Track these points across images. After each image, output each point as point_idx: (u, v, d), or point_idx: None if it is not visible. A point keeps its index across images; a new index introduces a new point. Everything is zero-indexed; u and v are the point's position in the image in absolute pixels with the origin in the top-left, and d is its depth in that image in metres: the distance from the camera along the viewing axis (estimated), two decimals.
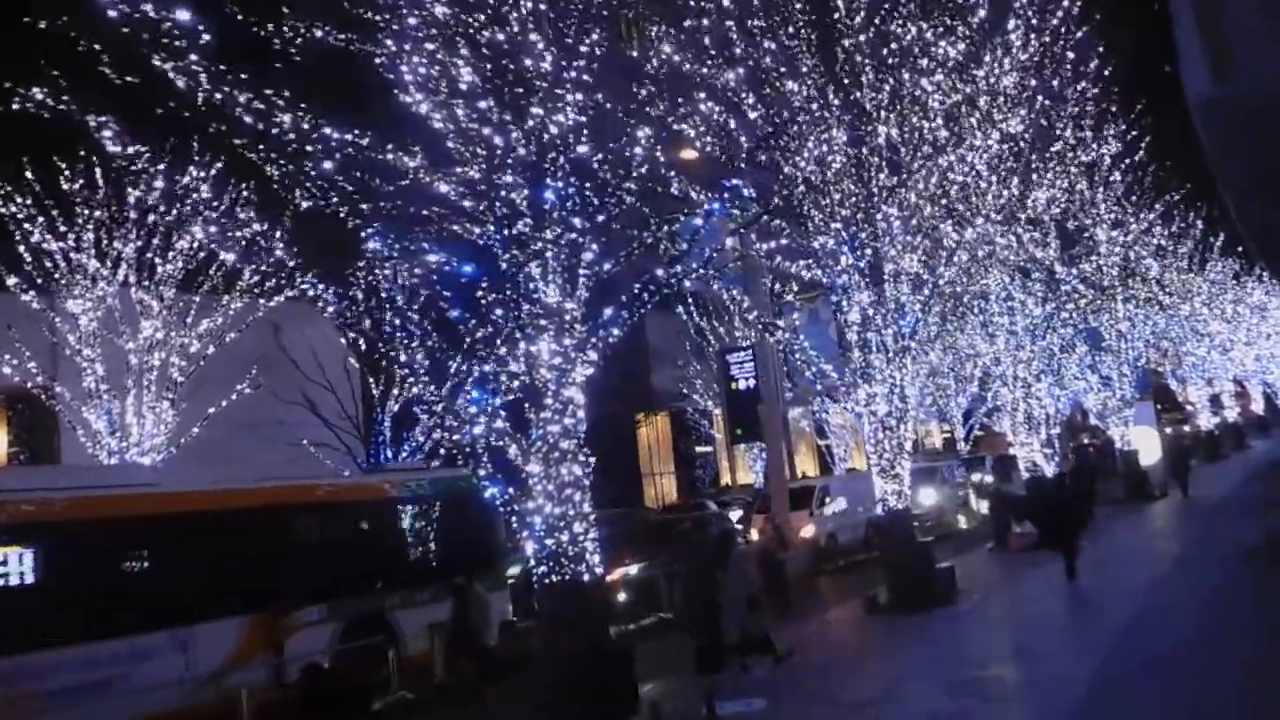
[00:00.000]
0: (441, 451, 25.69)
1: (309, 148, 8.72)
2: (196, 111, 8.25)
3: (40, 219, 19.28)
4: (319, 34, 8.72)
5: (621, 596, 15.72)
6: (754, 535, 16.64)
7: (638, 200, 10.60)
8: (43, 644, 9.98)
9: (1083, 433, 35.67)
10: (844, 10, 14.88)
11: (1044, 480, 20.23)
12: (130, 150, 9.72)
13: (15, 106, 8.96)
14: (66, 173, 19.46)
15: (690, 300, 31.28)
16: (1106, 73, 19.71)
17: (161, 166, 16.53)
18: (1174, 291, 29.85)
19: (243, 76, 8.27)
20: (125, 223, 19.87)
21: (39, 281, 19.50)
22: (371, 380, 24.82)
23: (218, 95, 8.16)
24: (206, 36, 8.03)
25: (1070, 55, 17.61)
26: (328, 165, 8.68)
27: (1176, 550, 17.82)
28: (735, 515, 24.06)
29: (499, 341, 8.83)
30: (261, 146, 8.63)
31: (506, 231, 8.77)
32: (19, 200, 19.12)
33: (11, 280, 19.42)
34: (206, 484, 12.64)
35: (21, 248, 19.31)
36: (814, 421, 34.14)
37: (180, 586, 11.40)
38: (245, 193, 18.32)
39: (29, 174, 19.13)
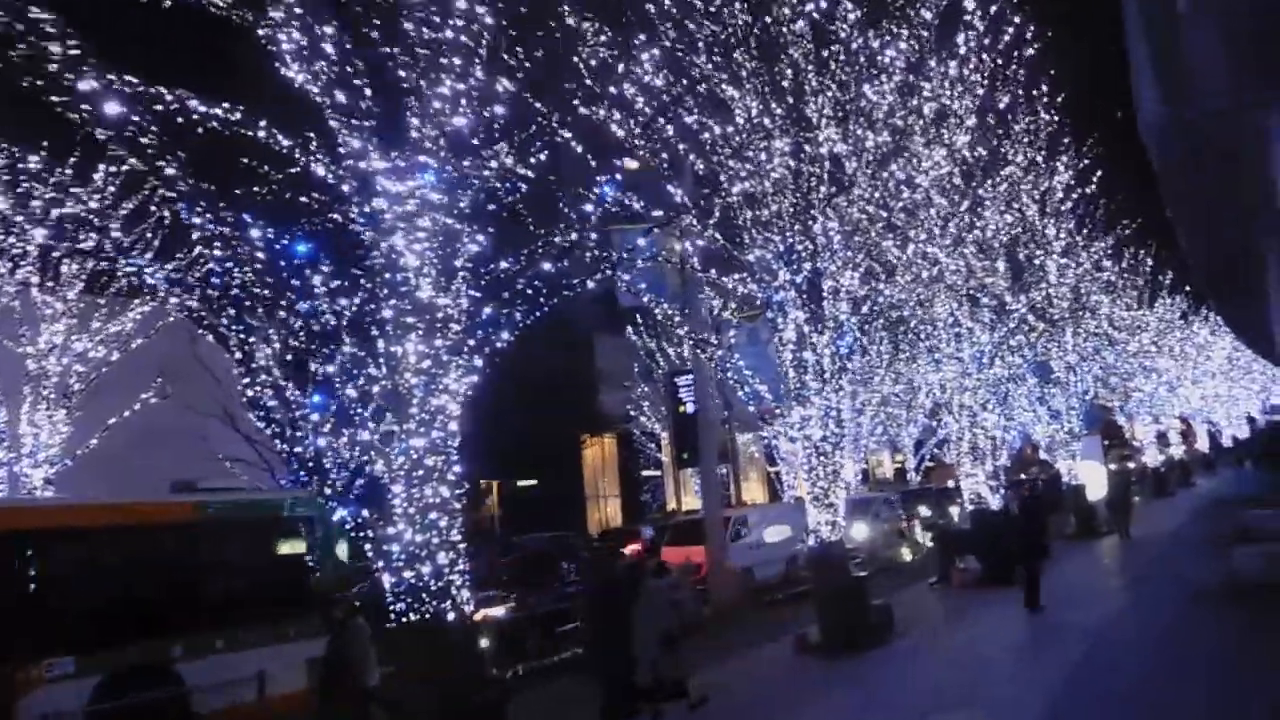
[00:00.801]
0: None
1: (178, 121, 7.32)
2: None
3: None
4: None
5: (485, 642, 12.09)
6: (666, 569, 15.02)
7: (541, 194, 9.29)
8: None
9: (1033, 465, 34.72)
10: (788, 14, 13.75)
11: (988, 513, 19.05)
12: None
13: None
14: None
15: (640, 321, 30.01)
16: (1059, 100, 18.79)
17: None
18: (1123, 327, 29.05)
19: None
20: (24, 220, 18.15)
21: None
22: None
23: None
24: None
25: (1021, 74, 16.62)
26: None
27: (1124, 589, 16.66)
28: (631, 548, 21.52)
29: (352, 339, 7.40)
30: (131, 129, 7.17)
31: (364, 207, 7.38)
32: None
33: None
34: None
35: None
36: (764, 448, 32.88)
37: None
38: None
39: None
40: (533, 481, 33.40)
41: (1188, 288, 32.55)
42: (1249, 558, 14.94)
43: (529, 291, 8.57)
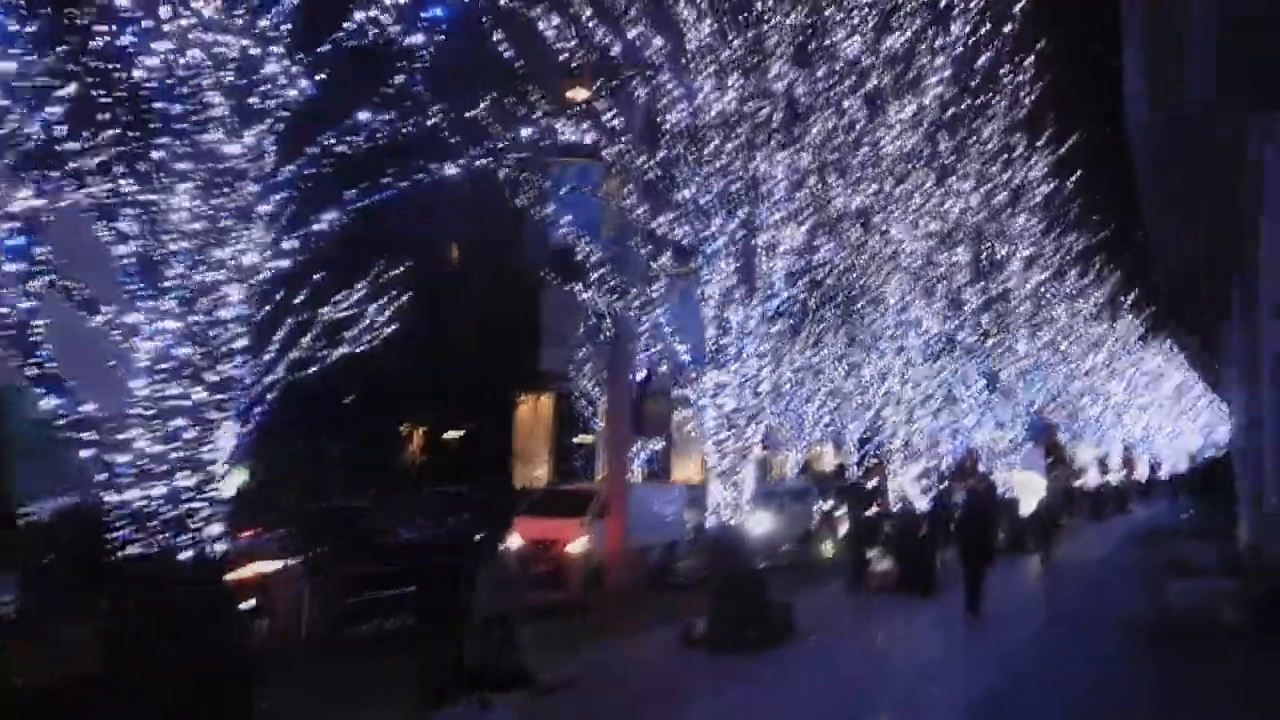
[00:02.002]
0: None
1: None
2: None
3: None
4: None
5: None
6: (513, 542, 12.75)
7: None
8: None
9: (971, 476, 33.42)
10: None
11: (913, 515, 17.43)
12: None
13: None
14: None
15: (590, 275, 27.94)
16: (1042, 83, 16.95)
17: None
18: (1078, 342, 27.58)
19: None
20: None
21: None
22: None
23: None
24: None
25: (1006, 35, 14.77)
26: None
27: (1047, 612, 15.13)
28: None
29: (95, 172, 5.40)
30: None
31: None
32: None
33: None
34: None
35: None
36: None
37: None
38: None
39: None
40: (460, 433, 31.40)
41: (1149, 308, 31.21)
42: (1185, 594, 13.44)
43: (368, 160, 6.62)
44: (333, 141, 6.33)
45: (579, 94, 14.74)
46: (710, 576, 13.25)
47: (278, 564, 9.93)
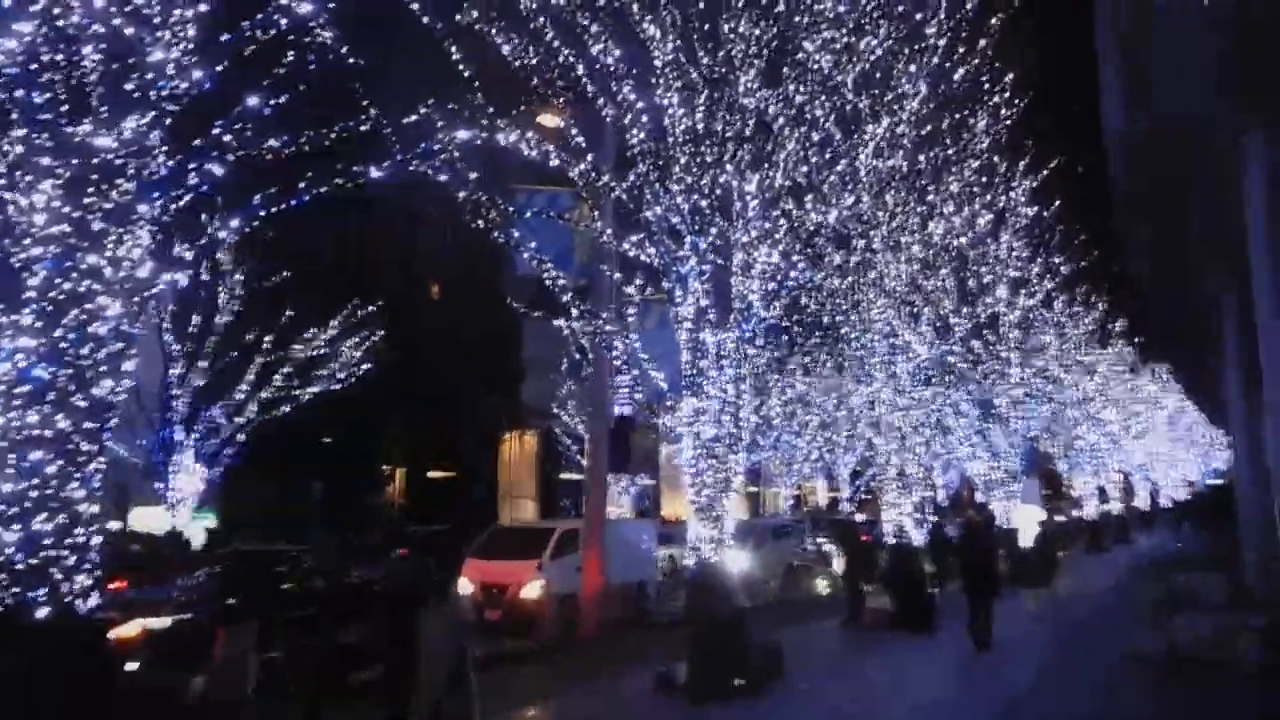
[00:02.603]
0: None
1: None
2: None
3: None
4: None
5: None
6: (462, 587, 11.27)
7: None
8: None
9: (969, 508, 32.42)
10: None
11: (909, 549, 16.47)
12: None
13: None
14: None
15: (574, 308, 27.18)
16: (1021, 101, 16.31)
17: None
18: (1070, 369, 26.75)
19: None
20: None
21: None
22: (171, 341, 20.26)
23: None
24: None
25: (983, 50, 14.14)
26: None
27: (1053, 647, 14.10)
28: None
29: None
30: None
31: None
32: None
33: None
34: None
35: None
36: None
37: None
38: None
39: None
40: (445, 473, 30.43)
41: (1138, 339, 30.42)
42: (1193, 628, 12.47)
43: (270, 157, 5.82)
44: (225, 135, 5.55)
45: (548, 120, 14.08)
46: (689, 618, 12.27)
47: (175, 617, 8.80)
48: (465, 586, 11.72)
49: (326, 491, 27.65)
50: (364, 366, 22.47)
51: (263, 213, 6.13)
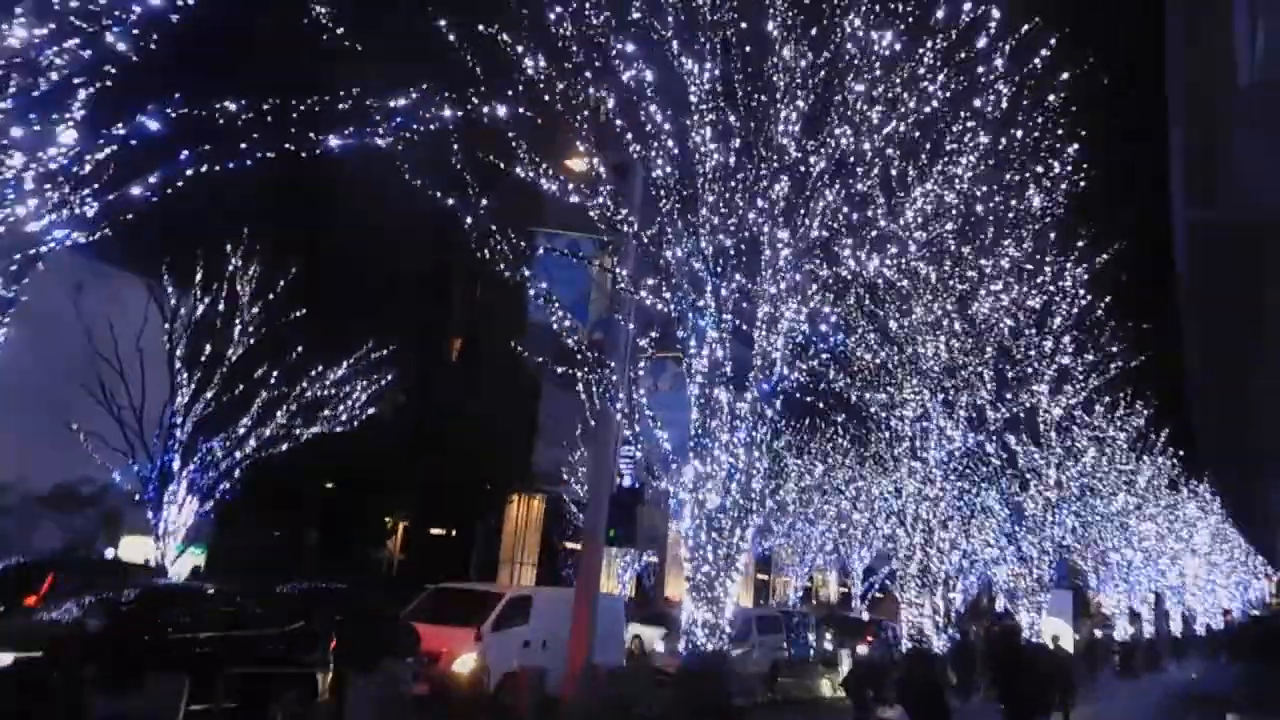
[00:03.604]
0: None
1: None
2: None
3: None
4: None
5: None
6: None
7: None
8: None
9: (984, 618, 30.14)
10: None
11: (929, 655, 14.63)
12: None
13: None
14: None
15: (591, 379, 26.00)
16: (1082, 181, 15.07)
17: None
18: (1106, 481, 24.84)
19: None
20: None
21: None
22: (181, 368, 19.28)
23: None
24: None
25: (1043, 121, 12.98)
26: None
27: None
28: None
29: None
30: None
31: None
32: None
33: None
34: None
35: None
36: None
37: None
38: None
39: None
40: (447, 531, 28.91)
41: (1181, 452, 28.44)
42: None
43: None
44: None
45: (574, 163, 13.11)
46: (681, 712, 10.57)
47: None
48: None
49: (323, 539, 26.28)
50: (370, 411, 21.29)
51: (189, 170, 4.99)
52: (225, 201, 21.71)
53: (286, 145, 5.32)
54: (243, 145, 5.25)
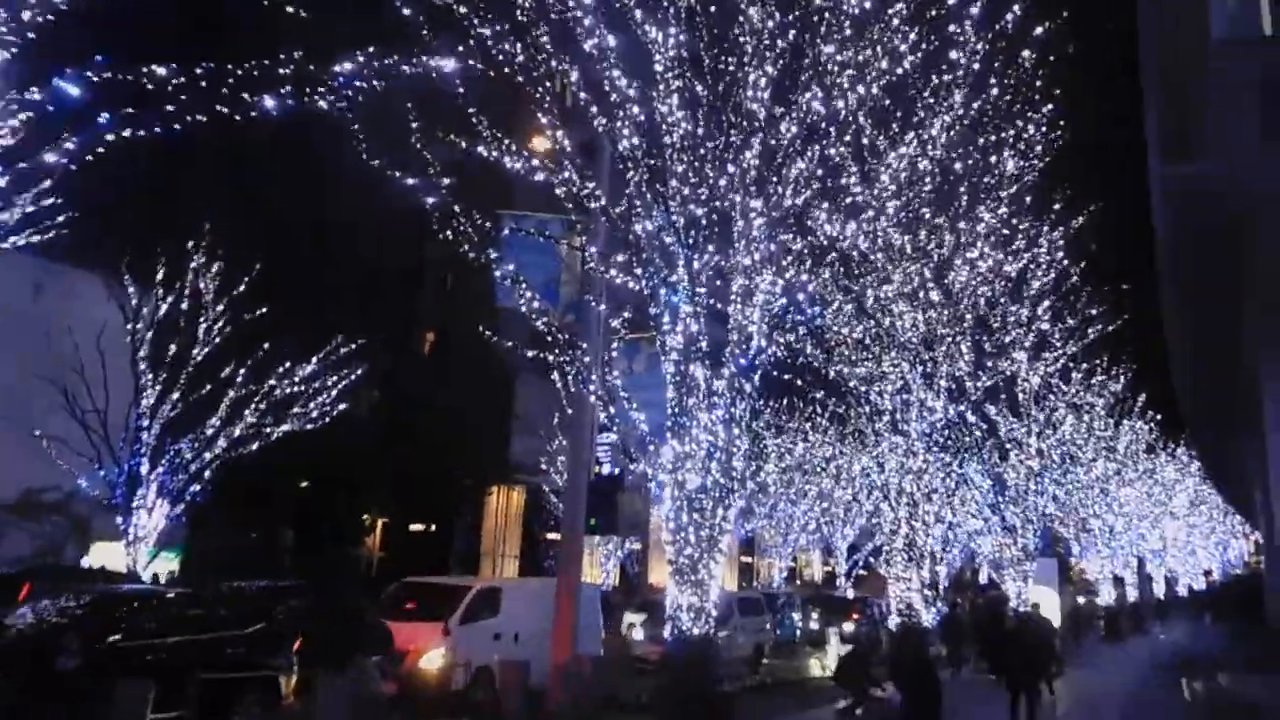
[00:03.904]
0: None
1: None
2: None
3: None
4: None
5: None
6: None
7: None
8: None
9: (968, 590, 30.12)
10: None
11: (920, 630, 14.40)
12: None
13: None
14: None
15: (565, 364, 25.52)
16: (1059, 139, 14.74)
17: None
18: (1087, 446, 24.79)
19: None
20: None
21: None
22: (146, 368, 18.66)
23: None
24: None
25: (1018, 76, 12.63)
26: None
27: None
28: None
29: None
30: None
31: None
32: None
33: None
34: None
35: None
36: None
37: None
38: None
39: None
40: (426, 526, 28.44)
41: (1159, 416, 28.49)
42: None
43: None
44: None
45: (541, 143, 12.63)
46: (664, 700, 10.23)
47: None
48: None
49: (299, 539, 25.73)
50: (341, 408, 20.73)
51: (110, 135, 4.52)
52: (184, 197, 21.15)
53: (219, 107, 4.85)
54: (169, 108, 4.76)
